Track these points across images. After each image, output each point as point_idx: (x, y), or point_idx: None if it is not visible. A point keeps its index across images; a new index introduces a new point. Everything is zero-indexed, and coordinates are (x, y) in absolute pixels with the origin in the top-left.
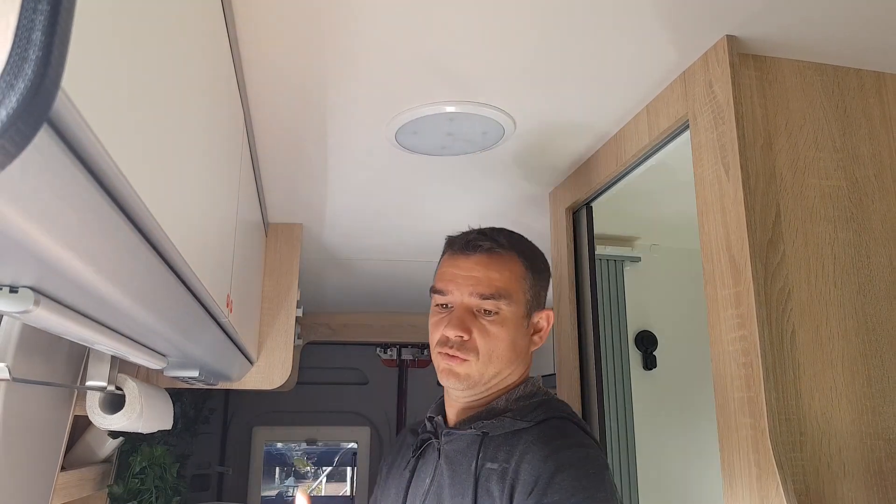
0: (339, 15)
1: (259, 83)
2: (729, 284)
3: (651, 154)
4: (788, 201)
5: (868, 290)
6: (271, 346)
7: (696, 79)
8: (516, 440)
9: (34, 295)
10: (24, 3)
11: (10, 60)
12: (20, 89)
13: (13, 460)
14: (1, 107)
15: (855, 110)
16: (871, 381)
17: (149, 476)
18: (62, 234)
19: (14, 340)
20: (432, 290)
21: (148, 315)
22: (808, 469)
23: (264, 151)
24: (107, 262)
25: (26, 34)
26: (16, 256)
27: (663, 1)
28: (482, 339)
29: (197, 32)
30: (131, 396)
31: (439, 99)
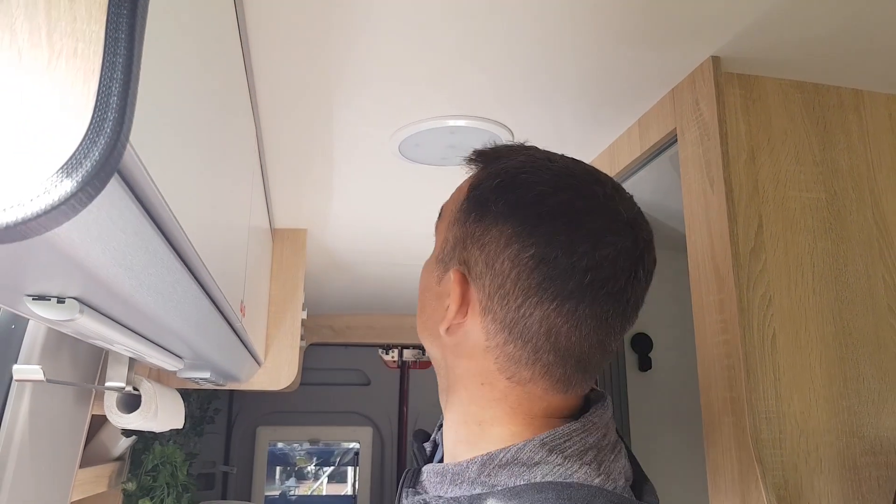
0: (348, 33)
1: (270, 98)
2: (713, 291)
3: (642, 166)
4: (770, 213)
5: (845, 297)
6: (278, 348)
7: (684, 96)
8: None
9: (79, 305)
10: (102, 72)
11: (94, 120)
12: (101, 144)
13: (38, 457)
14: (87, 159)
15: (834, 126)
16: (847, 383)
17: (161, 474)
18: (112, 253)
19: (40, 343)
20: None
21: (172, 321)
22: (786, 464)
23: (273, 160)
24: (144, 276)
25: (105, 99)
26: (69, 272)
27: (652, 22)
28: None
29: (219, 55)
30: (147, 396)
31: (441, 113)
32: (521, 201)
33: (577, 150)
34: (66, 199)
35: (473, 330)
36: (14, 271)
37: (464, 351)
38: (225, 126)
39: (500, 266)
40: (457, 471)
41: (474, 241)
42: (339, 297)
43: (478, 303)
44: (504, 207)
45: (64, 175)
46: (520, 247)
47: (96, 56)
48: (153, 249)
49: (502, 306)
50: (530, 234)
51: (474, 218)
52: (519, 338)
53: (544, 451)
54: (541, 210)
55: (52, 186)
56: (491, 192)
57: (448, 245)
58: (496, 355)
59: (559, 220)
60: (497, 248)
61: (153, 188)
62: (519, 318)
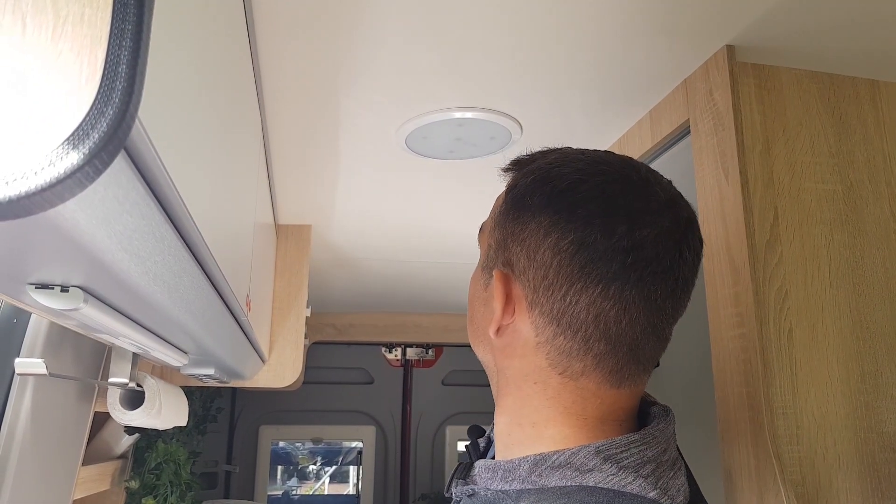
0: (355, 25)
1: (275, 90)
2: (729, 284)
3: (654, 158)
4: (786, 204)
5: (862, 290)
6: (282, 345)
7: (697, 86)
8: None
9: (83, 294)
10: (111, 39)
11: (101, 89)
12: (109, 115)
13: (40, 454)
14: (94, 131)
15: (850, 116)
16: (864, 377)
17: (164, 472)
18: (118, 237)
19: (42, 337)
20: None
21: (178, 313)
22: (804, 461)
23: (278, 154)
24: (150, 263)
25: (113, 67)
26: (73, 257)
27: (665, 12)
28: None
29: (226, 42)
30: (151, 393)
31: (449, 105)
32: (556, 191)
33: (586, 143)
34: (72, 173)
35: (523, 327)
36: (16, 257)
37: (515, 351)
38: (232, 115)
39: (541, 257)
40: (508, 468)
41: (514, 239)
42: (342, 295)
43: (524, 299)
44: (539, 199)
45: (70, 147)
46: (559, 235)
47: (104, 22)
48: (160, 235)
49: (548, 297)
50: (567, 221)
51: (513, 217)
52: (568, 328)
53: (599, 458)
54: (576, 197)
55: (58, 158)
56: (526, 189)
57: (491, 251)
58: (547, 350)
59: (594, 204)
60: (537, 240)
61: (161, 169)
62: (566, 308)
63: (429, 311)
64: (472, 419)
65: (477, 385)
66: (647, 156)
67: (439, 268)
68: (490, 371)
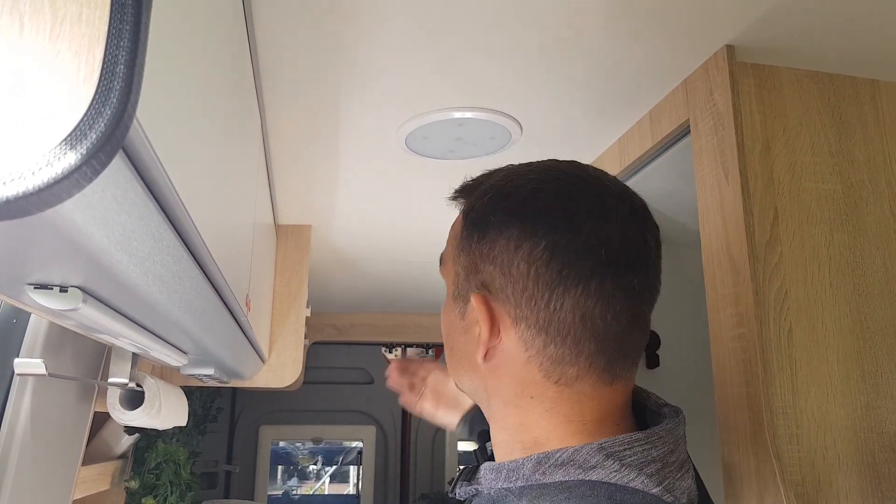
0: (355, 24)
1: (275, 90)
2: (729, 284)
3: (654, 158)
4: (786, 204)
5: (862, 290)
6: (282, 345)
7: (697, 86)
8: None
9: (82, 294)
10: (108, 39)
11: (99, 89)
12: (107, 115)
13: (40, 454)
14: (91, 131)
15: (850, 116)
16: (864, 377)
17: (164, 472)
18: (117, 238)
19: (42, 338)
20: None
21: (177, 313)
22: (804, 461)
23: (277, 154)
24: (149, 263)
25: (111, 67)
26: (72, 258)
27: (665, 12)
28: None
29: (225, 41)
30: (150, 393)
31: (449, 105)
32: (516, 203)
33: (586, 143)
34: (69, 173)
35: (509, 345)
36: (15, 257)
37: (506, 370)
38: (231, 115)
39: (517, 271)
40: (511, 467)
41: (484, 259)
42: (342, 296)
43: (507, 316)
44: (502, 215)
45: (67, 147)
46: (530, 245)
47: (102, 22)
48: (159, 235)
49: (532, 309)
50: (534, 229)
51: (477, 238)
52: (557, 335)
53: (601, 455)
54: (537, 204)
55: (55, 159)
56: (485, 209)
57: (460, 279)
58: (539, 362)
59: (556, 208)
60: (508, 254)
61: (160, 169)
62: (552, 315)
63: (429, 311)
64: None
65: None
66: (648, 156)
67: None
68: (480, 397)
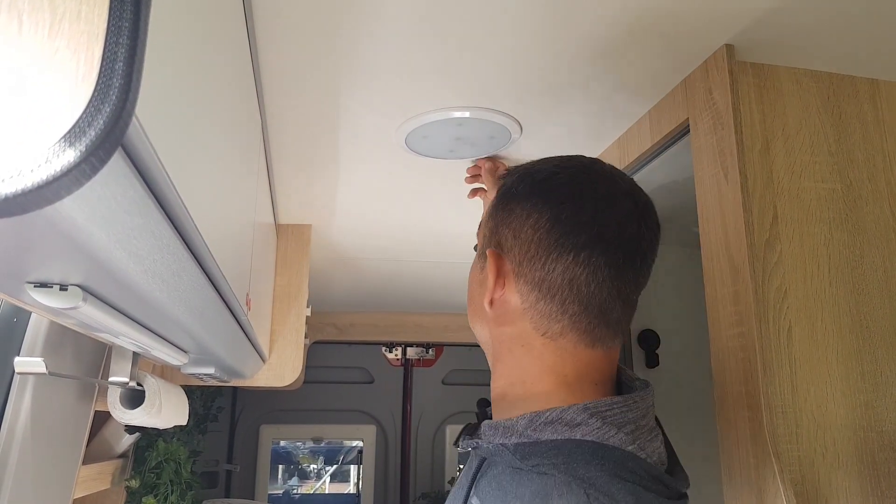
0: (355, 25)
1: (275, 89)
2: (728, 283)
3: (653, 157)
4: (785, 203)
5: (861, 289)
6: (282, 345)
7: (697, 85)
8: (510, 485)
9: (82, 292)
10: (107, 36)
11: (98, 87)
12: (106, 112)
13: (40, 453)
14: (90, 128)
15: (849, 116)
16: (864, 376)
17: (164, 471)
18: (116, 236)
19: (42, 337)
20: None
21: (177, 311)
22: (803, 460)
23: (278, 154)
24: (149, 262)
25: (110, 64)
26: (72, 256)
27: (665, 11)
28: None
29: (225, 38)
30: (151, 392)
31: (449, 105)
32: (536, 181)
33: (586, 142)
34: (68, 170)
35: (511, 297)
36: (15, 255)
37: (506, 319)
38: (231, 114)
39: (524, 235)
40: (507, 425)
41: (503, 224)
42: (342, 295)
43: (511, 272)
44: (523, 189)
45: (66, 144)
46: (538, 215)
47: (101, 19)
48: (159, 233)
49: (531, 268)
50: (545, 203)
51: (501, 207)
52: (547, 293)
53: (586, 414)
54: (552, 184)
55: (54, 156)
56: (512, 184)
57: (485, 239)
58: (531, 315)
59: (567, 189)
60: (520, 221)
61: (160, 167)
62: (545, 276)
63: (429, 310)
64: (472, 418)
65: (477, 384)
66: (647, 155)
67: (440, 267)
68: (486, 344)
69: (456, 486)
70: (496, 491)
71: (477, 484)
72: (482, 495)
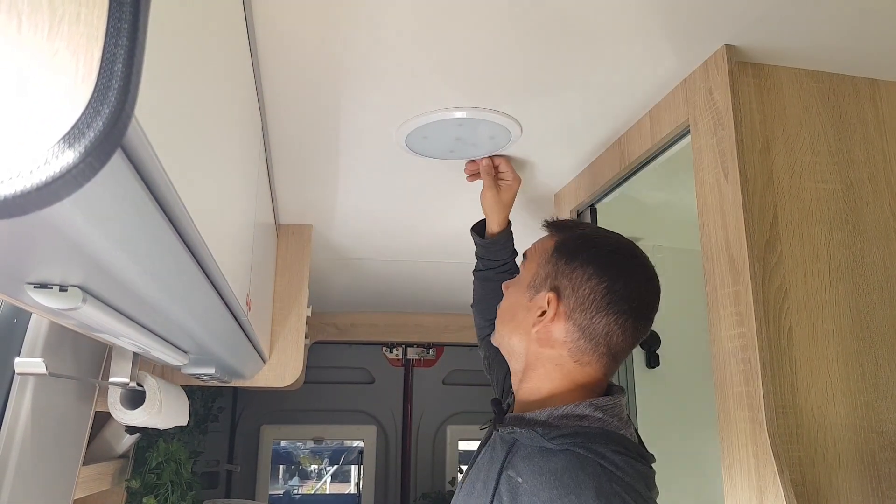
0: (355, 25)
1: (275, 90)
2: (728, 283)
3: (653, 157)
4: (785, 204)
5: (862, 289)
6: (283, 345)
7: (697, 86)
8: (541, 461)
9: (82, 293)
10: (107, 38)
11: (97, 88)
12: (105, 114)
13: (41, 453)
14: (90, 129)
15: (850, 116)
16: (864, 377)
17: (165, 471)
18: (116, 237)
19: (42, 338)
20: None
21: (177, 312)
22: (804, 460)
23: (278, 155)
24: (149, 263)
25: (109, 66)
26: (71, 257)
27: (665, 11)
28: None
29: (225, 41)
30: (151, 392)
31: (449, 105)
32: (598, 253)
33: (586, 142)
34: (67, 171)
35: (556, 330)
36: (15, 257)
37: (547, 343)
38: (231, 115)
39: (582, 292)
40: (532, 417)
41: (564, 276)
42: (343, 295)
43: (563, 314)
44: (587, 256)
45: (65, 145)
46: (597, 281)
47: (100, 21)
48: (159, 234)
49: (581, 315)
50: (603, 274)
51: (565, 261)
52: (588, 336)
53: (591, 408)
54: (611, 260)
55: (53, 157)
56: (575, 246)
57: (539, 277)
58: (570, 347)
59: (620, 268)
60: (581, 280)
61: (159, 168)
62: (590, 324)
63: (430, 310)
64: (473, 418)
65: (477, 385)
66: (647, 155)
67: (440, 268)
68: (513, 349)
69: (474, 470)
70: (530, 465)
71: (510, 461)
72: (518, 468)
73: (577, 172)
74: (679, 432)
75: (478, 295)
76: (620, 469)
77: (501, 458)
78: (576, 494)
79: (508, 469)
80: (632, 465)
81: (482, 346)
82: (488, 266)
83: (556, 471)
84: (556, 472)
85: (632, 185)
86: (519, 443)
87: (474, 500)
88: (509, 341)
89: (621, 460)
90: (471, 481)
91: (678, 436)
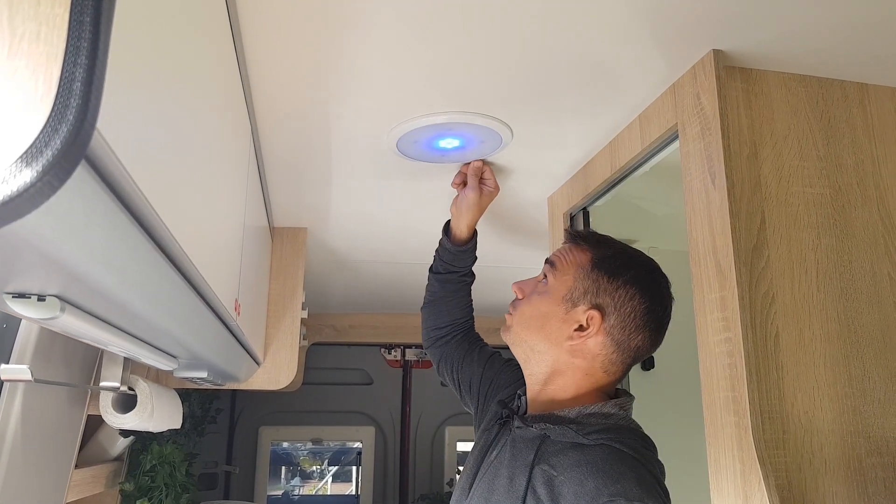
0: (345, 30)
1: (266, 95)
2: (715, 288)
3: (644, 161)
4: (773, 209)
5: (850, 294)
6: (277, 348)
7: (685, 90)
8: (577, 455)
9: (60, 303)
10: (66, 57)
11: (55, 107)
12: (63, 133)
13: (31, 458)
14: (48, 148)
15: (838, 120)
16: (852, 382)
17: (159, 474)
18: (89, 249)
19: (32, 344)
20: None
21: (161, 319)
22: (790, 465)
23: (270, 159)
24: (126, 272)
25: (68, 85)
26: (45, 268)
27: (653, 17)
28: (524, 299)
29: (207, 47)
30: (143, 396)
31: (439, 110)
32: (639, 273)
33: (577, 147)
34: (24, 190)
35: (591, 343)
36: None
37: (580, 354)
38: (212, 122)
39: (624, 310)
40: (562, 415)
41: (606, 293)
42: (341, 297)
43: (602, 329)
44: (630, 276)
45: (23, 164)
46: (639, 300)
47: (60, 40)
48: (133, 244)
49: (619, 332)
50: (645, 294)
51: (606, 279)
52: (622, 350)
53: (616, 407)
54: (650, 280)
55: (11, 176)
56: (618, 264)
57: (577, 291)
58: (602, 359)
59: (658, 288)
60: (624, 300)
61: (129, 180)
62: (625, 340)
63: None
64: (472, 420)
65: None
66: (637, 160)
67: None
68: (543, 358)
69: (490, 469)
70: (566, 459)
71: (541, 456)
72: (552, 462)
73: (570, 176)
74: (674, 435)
75: (434, 296)
76: (650, 462)
77: (530, 454)
78: (620, 484)
79: (541, 464)
80: (656, 459)
81: (433, 351)
82: (451, 270)
83: (596, 462)
84: (596, 464)
85: (625, 188)
86: (550, 439)
87: (498, 497)
88: (533, 346)
89: (645, 451)
90: (487, 480)
91: (673, 438)
